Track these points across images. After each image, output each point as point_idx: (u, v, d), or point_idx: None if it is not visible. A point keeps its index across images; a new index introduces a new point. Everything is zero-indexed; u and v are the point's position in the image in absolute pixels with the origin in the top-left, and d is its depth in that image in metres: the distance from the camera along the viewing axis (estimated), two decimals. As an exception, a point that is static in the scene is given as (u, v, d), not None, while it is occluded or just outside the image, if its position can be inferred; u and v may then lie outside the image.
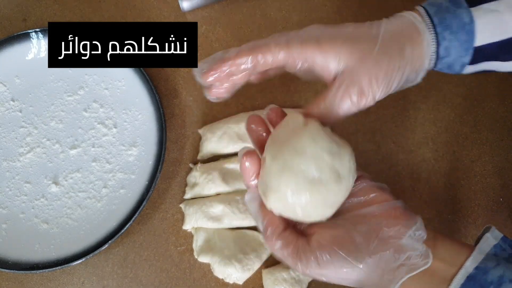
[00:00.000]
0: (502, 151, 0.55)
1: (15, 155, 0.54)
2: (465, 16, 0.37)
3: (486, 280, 0.34)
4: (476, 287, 0.34)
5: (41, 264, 0.50)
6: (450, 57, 0.39)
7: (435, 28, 0.38)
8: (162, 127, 0.53)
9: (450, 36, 0.38)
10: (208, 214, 0.51)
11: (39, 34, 0.56)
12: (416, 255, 0.35)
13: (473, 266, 0.35)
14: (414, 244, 0.35)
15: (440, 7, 0.38)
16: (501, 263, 0.35)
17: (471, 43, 0.38)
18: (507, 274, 0.34)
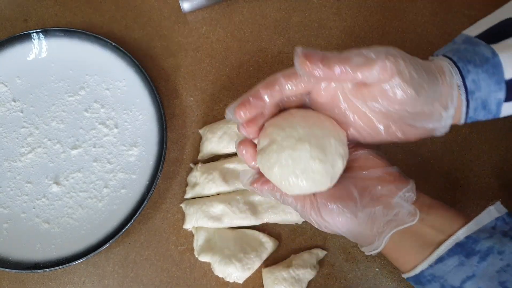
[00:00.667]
0: (501, 151, 0.55)
1: (16, 155, 0.54)
2: (486, 51, 0.36)
3: (474, 249, 0.36)
4: (462, 253, 0.36)
5: (42, 263, 0.50)
6: (481, 92, 0.37)
7: (456, 64, 0.37)
8: (163, 127, 0.53)
9: (475, 68, 0.36)
10: (208, 213, 0.51)
11: (40, 35, 0.56)
12: (404, 213, 0.38)
13: (464, 235, 0.37)
14: (403, 203, 0.38)
15: (458, 49, 0.37)
16: (495, 236, 0.36)
17: (501, 75, 0.36)
18: (497, 246, 0.35)
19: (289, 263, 0.50)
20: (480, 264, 0.35)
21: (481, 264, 0.35)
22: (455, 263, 0.36)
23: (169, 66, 0.59)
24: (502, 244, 0.35)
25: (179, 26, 0.60)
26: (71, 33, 0.57)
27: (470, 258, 0.35)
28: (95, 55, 0.57)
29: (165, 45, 0.59)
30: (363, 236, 0.40)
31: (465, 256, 0.36)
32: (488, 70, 0.36)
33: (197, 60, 0.59)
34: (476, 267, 0.35)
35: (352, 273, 0.51)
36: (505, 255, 0.35)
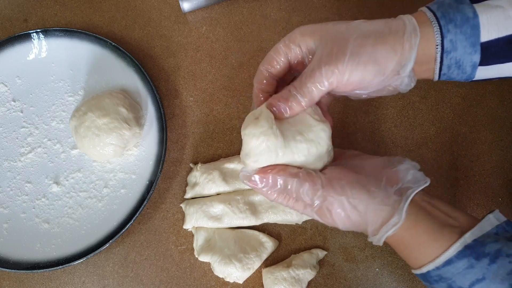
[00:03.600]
0: (501, 151, 0.55)
1: (16, 155, 0.54)
2: (468, 11, 0.37)
3: (484, 251, 0.36)
4: (472, 255, 0.36)
5: (42, 263, 0.50)
6: (457, 52, 0.38)
7: (438, 20, 0.38)
8: (163, 127, 0.53)
9: (455, 29, 0.38)
10: (208, 213, 0.51)
11: (40, 35, 0.56)
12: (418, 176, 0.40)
13: (471, 238, 0.36)
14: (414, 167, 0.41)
15: (443, 4, 0.39)
16: (501, 240, 0.36)
17: (477, 38, 0.37)
18: (505, 249, 0.35)
19: (289, 263, 0.50)
20: (490, 266, 0.35)
21: (492, 267, 0.35)
22: (465, 265, 0.36)
23: (169, 66, 0.59)
24: (509, 247, 0.35)
25: (179, 26, 0.60)
26: (71, 33, 0.57)
27: (481, 260, 0.35)
28: (95, 55, 0.57)
29: (165, 45, 0.59)
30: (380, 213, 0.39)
31: (475, 259, 0.35)
32: (466, 32, 0.38)
33: (197, 60, 0.59)
34: (487, 270, 0.35)
35: (352, 273, 0.51)
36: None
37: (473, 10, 0.37)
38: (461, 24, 0.37)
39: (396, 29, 0.38)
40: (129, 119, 0.51)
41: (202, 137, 0.56)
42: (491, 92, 0.57)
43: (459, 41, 0.38)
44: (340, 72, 0.37)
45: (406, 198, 0.38)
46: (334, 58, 0.37)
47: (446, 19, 0.38)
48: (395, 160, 0.42)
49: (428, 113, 0.57)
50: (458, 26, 0.38)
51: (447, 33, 0.38)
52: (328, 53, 0.37)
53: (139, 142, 0.54)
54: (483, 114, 0.57)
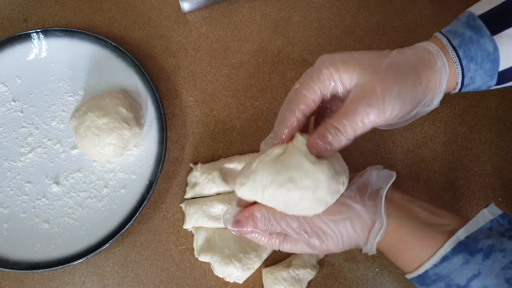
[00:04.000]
0: (501, 151, 0.55)
1: (16, 155, 0.54)
2: (489, 46, 0.38)
3: (477, 247, 0.36)
4: (466, 251, 0.36)
5: (42, 263, 0.50)
6: (475, 84, 0.40)
7: (461, 60, 0.39)
8: (163, 127, 0.53)
9: (476, 67, 0.39)
10: (208, 213, 0.51)
11: (40, 35, 0.56)
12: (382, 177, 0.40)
13: (464, 235, 0.37)
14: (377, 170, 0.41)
15: (463, 37, 0.39)
16: (493, 236, 0.36)
17: (496, 70, 0.39)
18: (498, 244, 0.36)
19: (289, 263, 0.50)
20: (485, 261, 0.35)
21: (486, 262, 0.35)
22: (461, 261, 0.36)
23: (169, 66, 0.59)
24: (501, 243, 0.36)
25: (179, 26, 0.60)
26: (71, 33, 0.57)
27: (475, 256, 0.36)
28: (95, 55, 0.57)
29: (165, 45, 0.59)
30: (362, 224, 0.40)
31: (469, 254, 0.36)
32: (485, 67, 0.39)
33: (197, 60, 0.59)
34: (482, 265, 0.35)
35: (352, 273, 0.51)
36: (507, 253, 0.35)
37: (494, 44, 0.38)
38: (482, 61, 0.38)
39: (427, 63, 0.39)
40: (129, 119, 0.51)
41: (202, 137, 0.56)
42: (491, 92, 0.57)
43: (478, 76, 0.39)
44: (386, 112, 0.37)
45: (379, 200, 0.39)
46: (380, 98, 0.36)
47: (468, 58, 0.39)
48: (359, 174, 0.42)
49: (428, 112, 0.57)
50: (479, 63, 0.39)
51: (468, 72, 0.39)
52: (370, 91, 0.37)
53: (139, 142, 0.54)
54: (483, 114, 0.56)
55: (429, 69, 0.38)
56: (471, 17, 0.40)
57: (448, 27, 0.41)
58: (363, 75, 0.37)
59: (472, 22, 0.39)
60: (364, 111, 0.36)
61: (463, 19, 0.40)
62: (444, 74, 0.39)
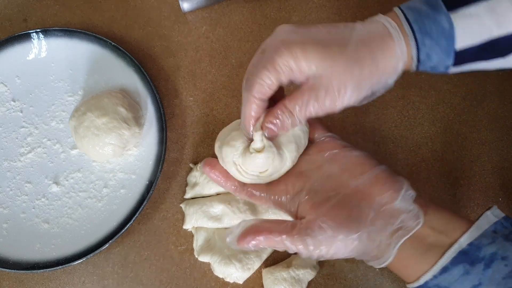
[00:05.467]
0: (501, 151, 0.55)
1: (16, 155, 0.54)
2: (445, 22, 0.38)
3: (478, 256, 0.35)
4: (467, 261, 0.35)
5: (42, 263, 0.50)
6: (432, 61, 0.39)
7: (415, 34, 0.38)
8: (163, 127, 0.53)
9: (431, 42, 0.38)
10: (208, 213, 0.51)
11: (40, 35, 0.56)
12: (408, 217, 0.37)
13: (467, 242, 0.36)
14: (407, 206, 0.37)
15: (420, 12, 0.38)
16: (497, 240, 0.35)
17: (452, 47, 0.38)
18: (501, 251, 0.35)
19: (289, 263, 0.50)
20: (485, 271, 0.34)
21: (487, 272, 0.34)
22: (461, 272, 0.35)
23: (169, 66, 0.58)
24: (504, 249, 0.35)
25: (179, 26, 0.60)
26: (70, 32, 0.57)
27: (475, 266, 0.35)
28: (95, 55, 0.57)
29: (165, 45, 0.59)
30: (368, 253, 0.38)
31: (470, 264, 0.35)
32: (441, 43, 0.38)
33: (197, 59, 0.59)
34: (482, 275, 0.34)
35: (352, 273, 0.51)
36: (509, 261, 0.34)
37: (449, 21, 0.37)
38: (437, 37, 0.38)
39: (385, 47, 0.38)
40: (128, 118, 0.51)
41: (202, 137, 0.56)
42: (491, 92, 0.57)
43: (434, 53, 0.39)
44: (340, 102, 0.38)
45: (395, 244, 0.37)
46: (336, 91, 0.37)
47: (422, 32, 0.38)
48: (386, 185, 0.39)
49: (428, 113, 0.57)
50: (434, 39, 0.38)
51: (423, 47, 0.38)
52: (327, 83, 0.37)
53: (138, 142, 0.54)
54: (484, 114, 0.56)
55: (387, 54, 0.38)
56: None
57: (408, 2, 0.41)
58: (322, 66, 0.37)
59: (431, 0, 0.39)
60: (319, 100, 0.37)
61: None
62: (401, 60, 0.38)
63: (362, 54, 0.38)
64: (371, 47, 0.38)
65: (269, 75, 0.38)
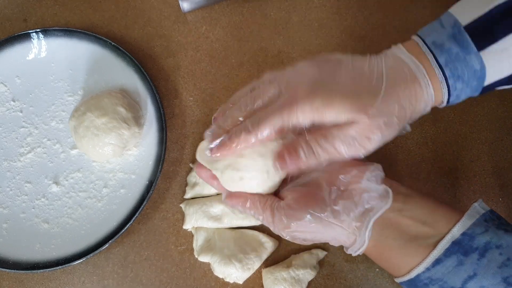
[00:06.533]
0: (501, 151, 0.55)
1: (16, 155, 0.54)
2: (476, 63, 0.37)
3: (472, 246, 0.35)
4: (460, 252, 0.35)
5: (42, 263, 0.50)
6: (459, 99, 0.39)
7: (447, 80, 0.37)
8: (163, 127, 0.53)
9: (462, 85, 0.38)
10: (208, 213, 0.51)
11: (40, 35, 0.56)
12: (374, 196, 0.38)
13: (460, 232, 0.36)
14: (371, 186, 0.38)
15: (450, 54, 0.37)
16: (490, 229, 0.35)
17: (481, 85, 0.38)
18: (494, 240, 0.35)
19: (289, 264, 0.50)
20: (480, 261, 0.34)
21: (481, 261, 0.34)
22: (454, 263, 0.35)
23: (169, 66, 0.58)
24: (498, 237, 0.35)
25: (179, 25, 0.60)
26: (70, 32, 0.57)
27: (469, 256, 0.34)
28: (95, 55, 0.57)
29: (165, 45, 0.59)
30: (342, 239, 0.39)
31: (463, 255, 0.35)
32: (472, 85, 0.38)
33: (197, 59, 0.59)
34: (477, 265, 0.34)
35: (352, 273, 0.51)
36: (504, 249, 0.34)
37: (480, 61, 0.37)
38: (468, 79, 0.37)
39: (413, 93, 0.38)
40: (128, 118, 0.51)
41: (202, 137, 0.56)
42: (491, 92, 0.57)
43: (463, 93, 0.38)
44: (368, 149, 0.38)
45: (366, 226, 0.37)
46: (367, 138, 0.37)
47: (455, 77, 0.37)
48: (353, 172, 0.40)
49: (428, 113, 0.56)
50: (465, 81, 0.37)
51: (454, 91, 0.38)
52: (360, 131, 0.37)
53: (138, 142, 0.54)
54: (484, 114, 0.56)
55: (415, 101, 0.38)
56: (457, 29, 0.37)
57: (432, 34, 0.39)
58: (353, 115, 0.36)
59: (458, 36, 0.37)
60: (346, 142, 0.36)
61: (448, 28, 0.38)
62: (429, 103, 0.38)
63: (391, 104, 0.37)
64: (399, 95, 0.37)
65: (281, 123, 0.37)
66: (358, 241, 0.38)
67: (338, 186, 0.38)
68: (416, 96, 0.37)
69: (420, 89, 0.37)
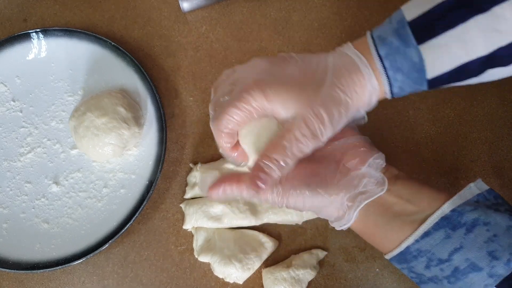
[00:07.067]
0: (501, 151, 0.55)
1: (16, 155, 0.54)
2: (415, 56, 0.38)
3: (460, 221, 0.36)
4: (448, 226, 0.37)
5: (42, 263, 0.50)
6: (405, 91, 0.40)
7: (387, 71, 0.39)
8: (163, 127, 0.53)
9: (402, 77, 0.39)
10: (208, 213, 0.51)
11: (40, 34, 0.56)
12: (372, 182, 0.40)
13: (449, 208, 0.37)
14: (371, 172, 0.40)
15: (391, 46, 0.39)
16: (479, 208, 0.37)
17: (424, 78, 0.39)
18: (483, 217, 0.36)
19: (289, 264, 0.50)
20: (467, 235, 0.36)
21: (468, 236, 0.36)
22: (442, 236, 0.36)
23: (169, 66, 0.58)
24: (487, 215, 0.36)
25: (178, 25, 0.60)
26: (70, 32, 0.57)
27: (457, 231, 0.36)
28: (95, 54, 0.57)
29: (164, 44, 0.59)
30: (331, 212, 0.40)
31: (451, 229, 0.36)
32: (412, 76, 0.39)
33: (197, 59, 0.59)
34: (464, 239, 0.36)
35: (352, 273, 0.51)
36: (491, 226, 0.36)
37: (419, 55, 0.38)
38: (408, 71, 0.39)
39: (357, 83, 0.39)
40: (128, 118, 0.51)
41: (202, 137, 0.56)
42: (491, 92, 0.57)
43: (407, 85, 0.40)
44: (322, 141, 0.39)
45: (357, 206, 0.39)
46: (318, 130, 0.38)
47: (394, 69, 0.39)
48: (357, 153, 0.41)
49: (428, 113, 0.56)
50: (405, 73, 0.39)
51: (395, 82, 0.39)
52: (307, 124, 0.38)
53: (138, 142, 0.54)
54: (484, 114, 0.56)
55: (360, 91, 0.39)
56: (401, 24, 0.39)
57: (379, 29, 0.41)
58: (299, 108, 0.38)
59: (401, 30, 0.39)
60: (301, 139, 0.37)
61: (394, 23, 0.40)
62: (374, 94, 0.40)
63: (336, 94, 0.38)
64: (343, 86, 0.39)
65: (239, 113, 0.38)
66: (346, 218, 0.40)
67: (341, 169, 0.40)
68: (361, 86, 0.39)
69: (364, 79, 0.39)
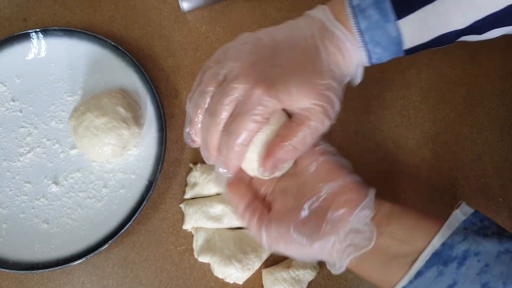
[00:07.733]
0: (502, 151, 0.55)
1: (15, 155, 0.54)
2: (393, 31, 0.39)
3: (451, 255, 0.35)
4: (440, 262, 0.35)
5: (41, 264, 0.50)
6: (382, 61, 0.42)
7: (366, 45, 0.40)
8: (162, 127, 0.53)
9: (381, 50, 0.41)
10: (208, 214, 0.51)
11: (39, 34, 0.56)
12: (360, 237, 0.38)
13: (439, 242, 0.36)
14: (359, 227, 0.39)
15: (370, 21, 0.40)
16: (469, 237, 0.36)
17: (401, 49, 0.41)
18: (473, 247, 0.35)
19: (289, 264, 0.50)
20: (459, 270, 0.35)
21: (460, 270, 0.35)
22: (435, 274, 0.35)
23: (169, 65, 0.58)
24: (477, 244, 0.35)
25: (178, 25, 0.60)
26: (70, 32, 0.57)
27: (449, 266, 0.35)
28: (95, 55, 0.57)
29: (164, 44, 0.59)
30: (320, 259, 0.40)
31: (443, 265, 0.35)
32: (391, 49, 0.41)
33: (197, 59, 0.59)
34: (456, 274, 0.35)
35: (352, 273, 0.51)
36: (482, 255, 0.35)
37: (397, 29, 0.39)
38: (386, 45, 0.40)
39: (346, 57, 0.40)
40: (128, 118, 0.51)
41: (202, 137, 0.56)
42: (492, 92, 0.57)
43: (385, 56, 0.41)
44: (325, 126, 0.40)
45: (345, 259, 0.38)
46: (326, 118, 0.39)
47: (373, 43, 0.40)
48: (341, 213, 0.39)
49: (429, 113, 0.56)
50: (384, 47, 0.40)
51: (374, 54, 0.41)
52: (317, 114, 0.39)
53: (138, 142, 0.54)
54: (484, 114, 0.56)
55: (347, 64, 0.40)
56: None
57: None
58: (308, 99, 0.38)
59: (381, 3, 0.39)
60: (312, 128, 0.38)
61: None
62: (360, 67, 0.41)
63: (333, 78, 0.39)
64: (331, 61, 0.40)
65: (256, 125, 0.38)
66: (337, 265, 0.39)
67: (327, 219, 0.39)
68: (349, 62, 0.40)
69: (350, 56, 0.40)
